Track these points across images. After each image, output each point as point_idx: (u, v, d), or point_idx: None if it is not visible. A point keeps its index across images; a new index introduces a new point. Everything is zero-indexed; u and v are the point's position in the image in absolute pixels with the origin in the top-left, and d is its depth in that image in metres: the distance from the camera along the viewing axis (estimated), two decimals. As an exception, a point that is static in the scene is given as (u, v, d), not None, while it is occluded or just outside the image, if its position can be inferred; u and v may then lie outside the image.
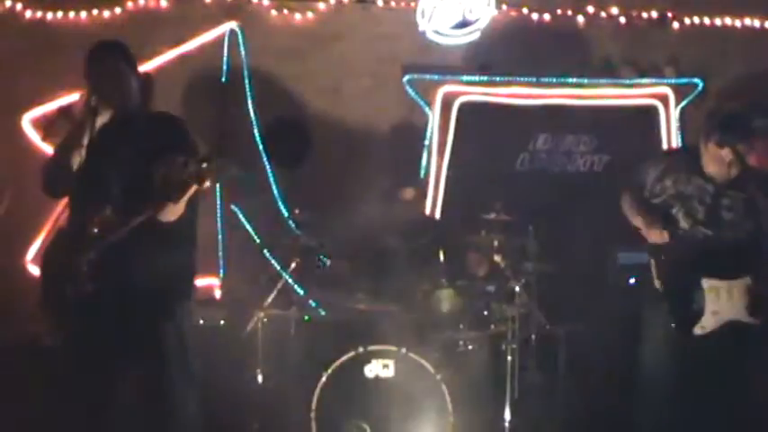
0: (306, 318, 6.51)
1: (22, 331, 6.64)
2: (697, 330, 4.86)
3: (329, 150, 7.64)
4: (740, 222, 4.86)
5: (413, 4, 7.96)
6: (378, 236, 6.67)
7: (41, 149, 7.11)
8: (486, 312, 6.41)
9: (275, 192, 7.67)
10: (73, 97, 7.46)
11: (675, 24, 8.22)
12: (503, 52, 8.06)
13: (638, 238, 5.11)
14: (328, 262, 6.43)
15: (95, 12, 7.80)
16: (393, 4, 8.00)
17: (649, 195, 5.05)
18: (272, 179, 7.69)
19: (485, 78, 8.01)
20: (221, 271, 7.76)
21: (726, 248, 4.84)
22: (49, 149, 7.10)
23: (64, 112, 7.37)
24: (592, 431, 6.19)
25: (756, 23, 8.28)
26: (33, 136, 7.54)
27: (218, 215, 7.61)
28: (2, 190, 7.14)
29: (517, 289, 6.41)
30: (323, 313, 6.50)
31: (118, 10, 7.81)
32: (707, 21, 8.25)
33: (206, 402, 5.75)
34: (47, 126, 7.23)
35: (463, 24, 7.99)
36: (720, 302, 4.83)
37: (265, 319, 6.40)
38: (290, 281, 6.83)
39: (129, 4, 7.80)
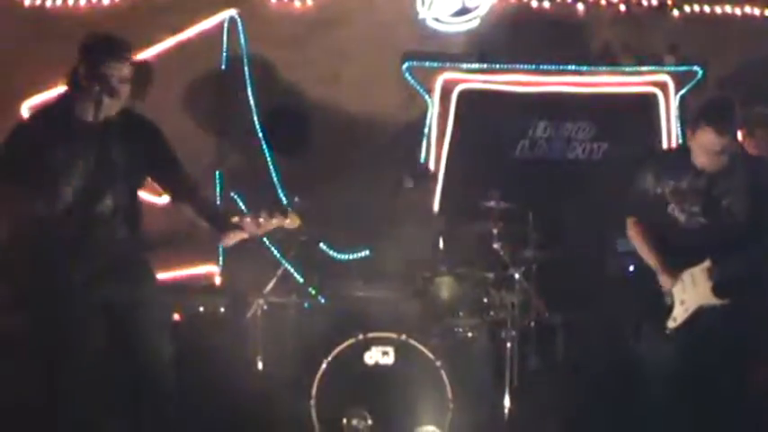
0: (305, 305, 6.53)
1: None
2: (670, 324, 4.87)
3: (329, 138, 7.66)
4: (736, 209, 4.84)
5: (413, -10, 7.97)
6: (377, 223, 6.68)
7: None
8: (485, 300, 6.42)
9: (275, 179, 7.67)
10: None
11: (675, 12, 8.20)
12: (502, 40, 8.05)
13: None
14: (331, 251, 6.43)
15: (95, -1, 7.80)
16: (393, -10, 8.01)
17: (650, 199, 5.02)
18: (271, 166, 7.69)
19: (484, 66, 7.99)
20: (221, 258, 7.77)
21: (712, 237, 4.83)
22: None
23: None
24: (591, 418, 6.18)
25: (756, 11, 8.25)
26: (33, 124, 7.51)
27: (218, 203, 7.61)
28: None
29: (516, 276, 6.42)
30: (322, 301, 6.52)
31: (117, -3, 7.81)
32: (707, 8, 8.22)
33: (206, 390, 5.83)
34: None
35: (463, 12, 7.98)
36: (686, 291, 4.83)
37: (265, 307, 6.42)
38: (289, 268, 6.85)
39: (129, -8, 7.80)
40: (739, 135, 4.98)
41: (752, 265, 4.74)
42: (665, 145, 7.94)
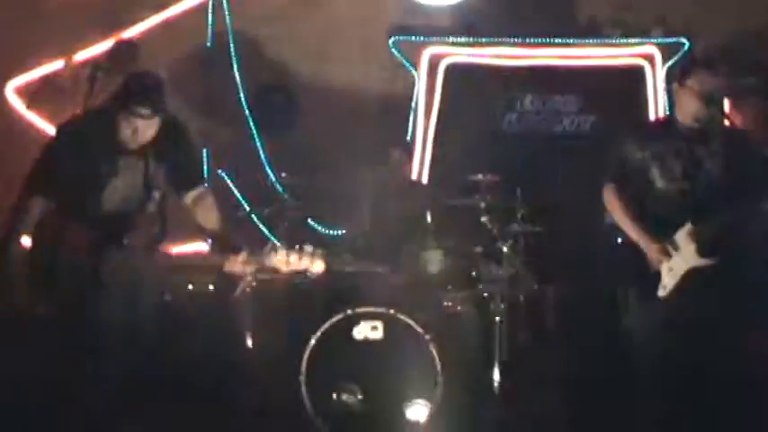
0: (294, 281, 6.53)
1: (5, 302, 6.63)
2: (660, 293, 4.86)
3: (315, 114, 7.65)
4: (718, 175, 4.84)
5: (398, -36, 7.94)
6: (365, 198, 6.69)
7: (26, 118, 7.13)
8: (474, 273, 6.42)
9: (262, 156, 7.66)
10: (56, 65, 7.47)
11: (662, -17, 8.18)
12: (489, 12, 8.02)
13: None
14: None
15: (78, -23, 7.74)
16: (379, -36, 7.97)
17: (631, 165, 5.01)
18: (258, 143, 7.68)
19: (471, 39, 7.97)
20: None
21: (692, 201, 4.83)
22: (34, 117, 7.17)
23: (48, 80, 7.45)
24: (581, 390, 6.21)
25: (743, -17, 8.23)
26: (18, 104, 7.49)
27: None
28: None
29: (505, 249, 6.41)
30: (311, 276, 6.50)
31: (102, -26, 7.76)
32: (693, -20, 8.20)
33: (195, 366, 5.84)
34: (31, 94, 7.34)
35: (449, -15, 7.98)
36: (672, 257, 4.83)
37: (254, 284, 6.41)
38: (278, 245, 6.83)
39: (113, -31, 7.74)
40: (726, 105, 4.96)
41: (733, 223, 4.76)
42: (651, 116, 7.93)
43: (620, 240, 5.89)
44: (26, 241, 4.63)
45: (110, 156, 4.57)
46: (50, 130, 5.10)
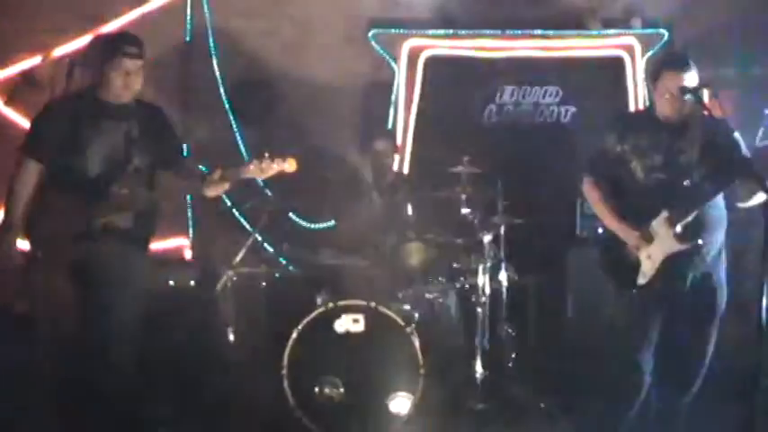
0: (276, 275, 6.54)
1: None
2: (640, 280, 4.89)
3: (295, 107, 7.64)
4: (695, 164, 4.87)
5: (377, -43, 7.93)
6: (345, 191, 6.69)
7: (4, 114, 7.10)
8: (455, 265, 6.44)
9: (242, 150, 7.65)
10: (34, 61, 7.45)
11: (641, -26, 8.18)
12: (468, 5, 8.02)
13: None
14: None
15: (55, -29, 7.70)
16: (358, -44, 7.95)
17: (611, 157, 5.04)
18: (238, 137, 7.67)
19: (450, 31, 7.97)
20: (191, 231, 7.75)
21: (670, 191, 4.86)
22: (13, 114, 7.15)
23: (26, 76, 7.42)
24: (562, 382, 6.24)
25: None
26: (-4, 101, 7.47)
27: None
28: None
29: (486, 241, 6.41)
30: (292, 270, 6.53)
31: (78, -32, 7.72)
32: (673, -30, 8.21)
33: (178, 362, 5.84)
34: (9, 91, 7.31)
35: (428, -23, 7.97)
36: (650, 245, 4.86)
37: (235, 278, 6.40)
38: (259, 238, 6.84)
39: (89, -37, 7.70)
40: (705, 96, 4.97)
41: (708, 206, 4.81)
42: (631, 107, 7.94)
43: (600, 230, 5.95)
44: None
45: (93, 118, 4.75)
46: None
